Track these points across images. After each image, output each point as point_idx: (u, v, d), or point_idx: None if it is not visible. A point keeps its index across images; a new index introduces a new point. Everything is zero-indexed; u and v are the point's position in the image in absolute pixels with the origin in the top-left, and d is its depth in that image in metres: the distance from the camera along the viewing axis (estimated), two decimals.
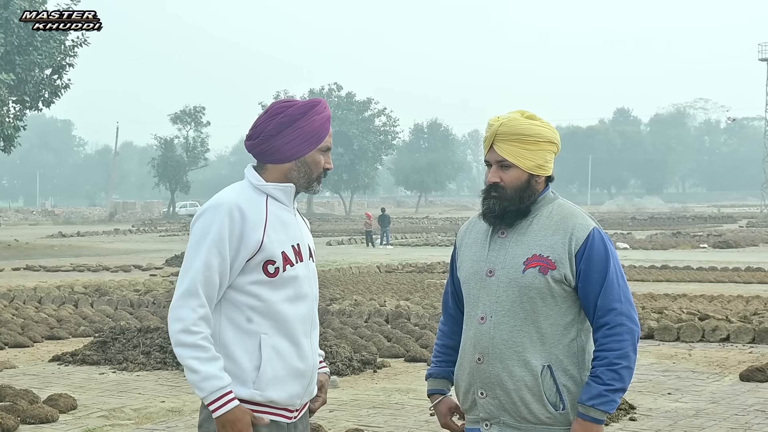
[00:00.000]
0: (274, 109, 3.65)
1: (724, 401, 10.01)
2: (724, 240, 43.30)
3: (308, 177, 3.67)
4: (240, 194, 3.58)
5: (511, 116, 3.81)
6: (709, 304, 18.61)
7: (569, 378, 3.68)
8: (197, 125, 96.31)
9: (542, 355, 3.67)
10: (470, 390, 3.80)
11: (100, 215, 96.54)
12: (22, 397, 9.67)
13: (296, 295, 3.60)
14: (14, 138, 43.00)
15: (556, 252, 3.67)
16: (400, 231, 59.65)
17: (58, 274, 28.51)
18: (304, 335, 3.62)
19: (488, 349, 3.72)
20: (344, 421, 9.06)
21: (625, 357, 3.62)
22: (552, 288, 3.66)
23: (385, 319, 16.09)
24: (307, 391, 3.67)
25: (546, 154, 3.78)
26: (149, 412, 9.64)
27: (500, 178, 3.76)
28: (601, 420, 3.61)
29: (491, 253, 3.78)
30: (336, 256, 36.05)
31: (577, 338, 3.71)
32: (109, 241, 52.06)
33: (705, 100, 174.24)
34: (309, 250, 3.72)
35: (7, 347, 13.87)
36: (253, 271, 3.53)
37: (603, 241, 3.69)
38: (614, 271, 3.66)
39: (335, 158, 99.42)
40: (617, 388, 3.60)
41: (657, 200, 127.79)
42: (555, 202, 3.80)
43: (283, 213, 3.64)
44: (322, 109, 3.66)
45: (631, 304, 3.68)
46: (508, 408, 3.70)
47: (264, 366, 3.51)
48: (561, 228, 3.70)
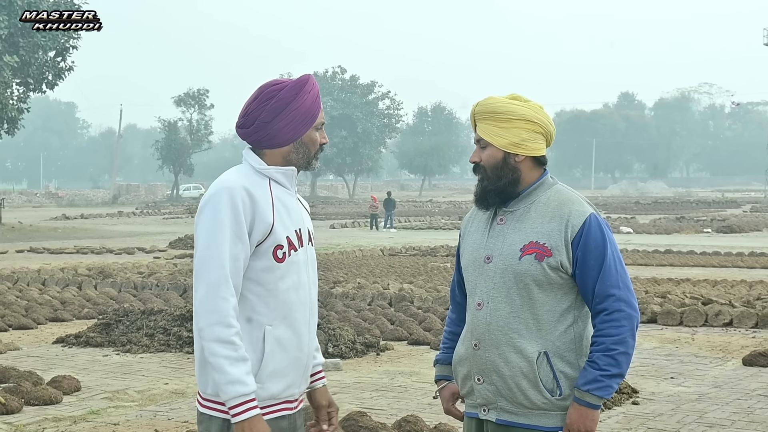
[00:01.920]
0: (264, 94, 3.57)
1: (727, 386, 10.02)
2: (727, 225, 43.26)
3: (307, 156, 3.64)
4: (244, 177, 3.51)
5: (490, 96, 3.84)
6: (712, 288, 18.61)
7: (567, 364, 3.68)
8: (201, 108, 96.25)
9: (538, 342, 3.67)
10: (468, 376, 3.82)
11: (104, 198, 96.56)
12: (26, 378, 9.69)
13: (298, 281, 3.56)
14: (18, 120, 43.04)
15: (552, 239, 3.66)
16: (404, 214, 59.63)
17: (61, 257, 28.54)
18: (304, 324, 3.58)
19: (484, 335, 3.73)
20: (347, 403, 9.07)
21: (623, 343, 3.61)
22: (548, 275, 3.66)
23: (388, 302, 16.10)
24: (303, 379, 3.64)
25: (521, 132, 3.73)
26: (153, 394, 9.66)
27: (479, 157, 3.80)
28: (597, 405, 3.62)
29: (490, 240, 3.79)
30: (339, 239, 36.05)
31: (574, 325, 3.71)
32: (113, 223, 52.09)
33: (710, 85, 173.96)
34: (309, 235, 3.67)
35: (11, 329, 13.90)
36: (263, 256, 3.46)
37: (600, 227, 3.67)
38: (612, 257, 3.65)
39: (339, 141, 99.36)
40: (613, 374, 3.60)
41: (661, 185, 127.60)
42: (553, 188, 3.79)
43: (286, 197, 3.59)
44: (312, 86, 3.61)
45: (629, 289, 3.67)
46: (504, 394, 3.71)
47: (266, 359, 3.47)
48: (557, 215, 3.69)
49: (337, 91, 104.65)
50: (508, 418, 3.71)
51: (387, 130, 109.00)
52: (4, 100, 41.54)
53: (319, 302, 15.73)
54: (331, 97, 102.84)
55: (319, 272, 21.62)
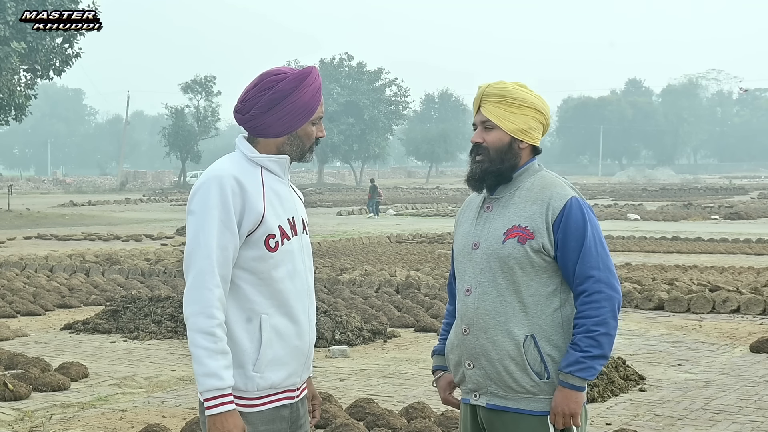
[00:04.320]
0: (264, 83, 3.54)
1: (734, 372, 10.01)
2: (735, 211, 43.15)
3: (301, 149, 3.60)
4: (235, 165, 3.49)
5: (501, 81, 3.87)
6: (719, 275, 18.59)
7: (554, 347, 3.70)
8: (208, 95, 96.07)
9: (525, 325, 3.70)
10: (459, 362, 3.85)
11: (111, 184, 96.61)
12: (34, 365, 9.72)
13: (293, 269, 3.54)
14: (25, 107, 43.01)
15: (534, 222, 3.70)
16: (411, 201, 59.64)
17: (69, 243, 28.58)
18: (303, 312, 3.56)
19: (473, 320, 3.77)
20: (354, 390, 9.09)
21: (603, 324, 3.63)
22: (531, 258, 3.69)
23: (395, 289, 16.11)
24: (305, 368, 3.63)
25: (529, 120, 3.79)
26: (160, 380, 9.69)
27: (483, 138, 3.81)
28: (581, 387, 3.64)
29: (477, 228, 3.84)
30: (346, 227, 36.06)
31: (561, 308, 3.73)
32: (120, 210, 52.14)
33: (717, 71, 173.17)
34: (303, 223, 3.65)
35: (19, 315, 13.93)
36: (255, 246, 3.45)
37: (581, 209, 3.70)
38: (592, 239, 3.67)
39: (346, 128, 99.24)
40: (595, 355, 3.61)
41: (668, 171, 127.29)
42: (538, 174, 3.82)
43: (278, 185, 3.56)
44: (313, 79, 3.56)
45: (611, 271, 3.69)
46: (493, 378, 3.73)
47: (264, 348, 3.46)
48: (539, 198, 3.73)
49: (344, 78, 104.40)
50: (498, 403, 3.74)
51: (394, 117, 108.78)
52: (11, 86, 41.55)
53: (326, 289, 15.74)
54: (338, 84, 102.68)
55: (326, 259, 21.73)
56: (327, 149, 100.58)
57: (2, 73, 39.81)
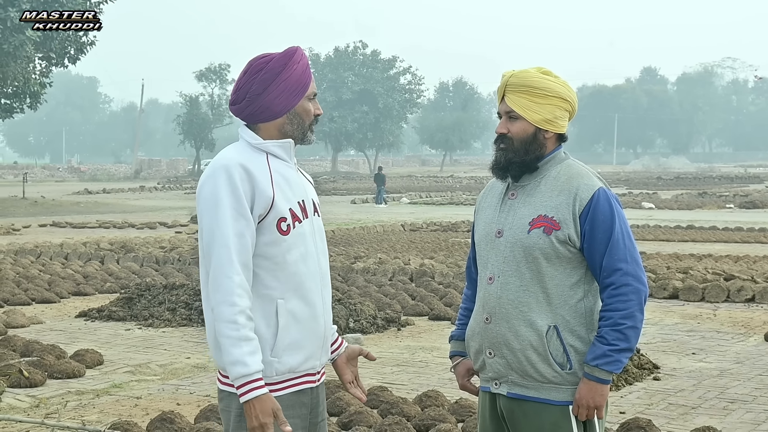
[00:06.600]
0: (253, 67, 3.58)
1: (749, 361, 9.99)
2: (750, 200, 43.03)
3: (302, 127, 3.61)
4: (241, 153, 3.50)
5: (525, 69, 3.83)
6: (734, 264, 18.53)
7: (577, 338, 3.69)
8: (222, 83, 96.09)
9: (548, 315, 3.68)
10: (480, 350, 3.83)
11: (126, 172, 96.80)
12: (50, 352, 9.77)
13: (306, 252, 3.55)
14: (40, 95, 43.10)
15: (560, 213, 3.67)
16: (425, 190, 59.62)
17: (84, 231, 28.68)
18: (317, 294, 3.57)
19: (495, 309, 3.75)
20: (368, 378, 9.10)
21: (630, 317, 3.61)
22: (556, 248, 3.67)
23: (409, 278, 16.12)
24: (323, 350, 3.64)
25: (555, 110, 3.76)
26: (174, 368, 9.72)
27: (507, 129, 3.79)
28: (606, 380, 3.62)
29: (501, 215, 3.81)
30: (360, 215, 36.07)
31: (584, 299, 3.71)
32: (135, 198, 52.27)
33: (733, 59, 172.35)
34: (314, 206, 3.66)
35: (35, 303, 14.00)
36: (267, 230, 3.46)
37: (609, 200, 3.68)
38: (620, 231, 3.65)
39: (360, 116, 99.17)
40: (622, 348, 3.60)
41: (683, 160, 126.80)
42: (564, 163, 3.80)
43: (285, 169, 3.57)
44: (300, 57, 3.60)
45: (638, 264, 3.67)
46: (515, 367, 3.72)
47: (281, 333, 3.46)
48: (566, 188, 3.70)
49: (358, 66, 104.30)
50: (519, 392, 3.73)
51: (408, 106, 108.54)
52: (26, 74, 41.63)
53: (340, 277, 15.75)
54: (353, 72, 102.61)
55: (340, 247, 21.74)
56: (341, 137, 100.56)
57: (17, 62, 39.84)
